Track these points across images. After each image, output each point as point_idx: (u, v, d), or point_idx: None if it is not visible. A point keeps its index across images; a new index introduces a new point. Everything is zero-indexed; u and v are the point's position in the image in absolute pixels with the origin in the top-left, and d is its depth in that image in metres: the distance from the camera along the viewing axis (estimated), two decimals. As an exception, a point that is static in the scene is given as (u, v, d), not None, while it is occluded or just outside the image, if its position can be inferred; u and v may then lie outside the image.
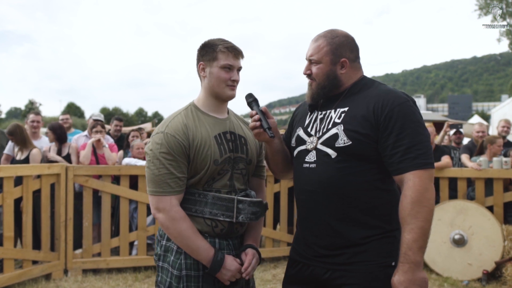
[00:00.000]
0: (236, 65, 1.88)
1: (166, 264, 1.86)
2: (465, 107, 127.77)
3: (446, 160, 5.31)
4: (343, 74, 1.84)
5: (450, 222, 4.97)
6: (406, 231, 1.61)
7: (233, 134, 1.93)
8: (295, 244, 1.95)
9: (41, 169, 4.61)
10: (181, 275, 1.80)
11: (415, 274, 1.59)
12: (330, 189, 1.74)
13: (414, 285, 1.58)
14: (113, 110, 59.02)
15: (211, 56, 1.86)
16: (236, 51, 1.87)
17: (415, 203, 1.60)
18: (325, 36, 1.85)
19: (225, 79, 1.86)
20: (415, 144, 1.65)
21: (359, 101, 1.77)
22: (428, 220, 1.60)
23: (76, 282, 4.53)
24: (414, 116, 1.69)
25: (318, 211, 1.78)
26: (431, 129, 5.59)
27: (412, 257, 1.58)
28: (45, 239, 4.65)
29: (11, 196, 4.32)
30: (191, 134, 1.81)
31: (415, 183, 1.62)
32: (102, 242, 4.92)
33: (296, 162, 1.91)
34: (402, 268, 1.60)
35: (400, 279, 1.59)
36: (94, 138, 5.30)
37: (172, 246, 1.85)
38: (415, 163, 1.63)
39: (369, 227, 1.73)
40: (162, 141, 1.79)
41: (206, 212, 1.82)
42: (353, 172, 1.72)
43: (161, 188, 1.78)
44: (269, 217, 5.42)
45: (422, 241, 1.59)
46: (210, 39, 1.92)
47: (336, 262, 1.75)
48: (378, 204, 1.74)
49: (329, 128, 1.79)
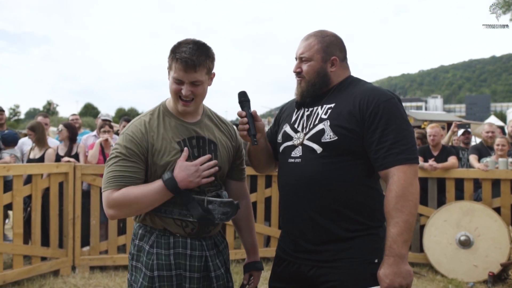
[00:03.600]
0: (185, 80, 1.71)
1: (139, 264, 1.82)
2: (483, 108, 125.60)
3: (452, 161, 5.28)
4: (332, 72, 1.87)
5: (456, 223, 4.93)
6: (391, 224, 1.64)
7: (201, 139, 1.84)
8: (280, 241, 1.98)
9: (50, 168, 4.73)
10: (153, 275, 1.76)
11: (400, 267, 1.62)
12: (314, 183, 1.76)
13: (399, 278, 1.61)
14: (129, 110, 59.77)
15: (169, 63, 1.75)
16: (185, 64, 1.68)
17: (399, 197, 1.63)
18: (315, 35, 1.89)
19: (175, 91, 1.75)
20: (400, 140, 1.68)
21: (345, 98, 1.80)
22: (412, 214, 1.63)
23: (83, 279, 4.63)
24: (398, 113, 1.72)
25: (301, 205, 1.81)
26: (438, 129, 5.55)
27: (397, 250, 1.62)
28: (54, 236, 4.76)
29: (20, 194, 4.44)
30: (150, 138, 1.76)
31: (400, 178, 1.65)
32: (109, 240, 5.01)
33: (282, 157, 1.94)
34: (387, 261, 1.63)
35: (386, 272, 1.63)
36: (102, 138, 5.40)
37: (144, 246, 1.81)
38: (400, 158, 1.67)
39: (352, 222, 1.75)
40: (120, 141, 1.77)
41: (175, 213, 1.77)
42: (338, 167, 1.75)
43: (107, 184, 1.72)
44: (274, 217, 5.44)
45: (407, 234, 1.62)
46: (179, 42, 1.77)
47: (320, 259, 1.77)
48: (362, 200, 1.76)
49: (315, 124, 1.82)
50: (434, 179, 5.28)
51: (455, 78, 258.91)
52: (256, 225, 5.33)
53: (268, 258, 5.40)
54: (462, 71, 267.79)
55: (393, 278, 1.61)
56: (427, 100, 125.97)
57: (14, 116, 50.44)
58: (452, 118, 21.16)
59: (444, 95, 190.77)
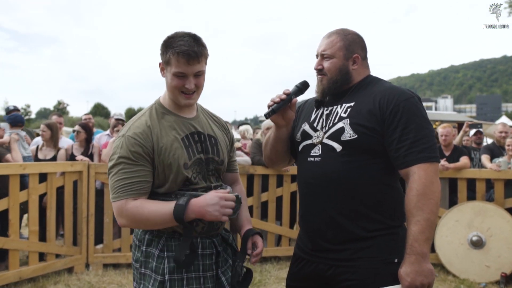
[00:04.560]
0: (190, 72, 1.67)
1: (148, 270, 1.74)
2: (494, 108, 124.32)
3: (464, 161, 5.26)
4: (354, 70, 1.88)
5: (468, 223, 4.92)
6: (412, 223, 1.63)
7: (201, 134, 1.82)
8: (299, 240, 1.97)
9: (65, 167, 4.80)
10: (164, 279, 1.69)
11: (422, 265, 1.60)
12: (334, 182, 1.76)
13: (420, 276, 1.59)
14: (138, 110, 60.05)
15: (166, 59, 1.69)
16: (188, 56, 1.64)
17: (420, 196, 1.62)
18: (338, 33, 1.90)
19: (177, 86, 1.70)
20: (420, 138, 1.67)
21: (365, 97, 1.81)
22: (434, 212, 1.62)
23: (97, 276, 4.69)
24: (419, 111, 1.72)
25: (321, 204, 1.80)
26: (450, 129, 5.53)
27: (419, 249, 1.60)
28: (68, 234, 4.84)
29: (36, 192, 4.51)
30: (155, 137, 1.70)
31: (421, 176, 1.64)
32: (122, 238, 5.07)
33: (301, 156, 1.94)
34: (408, 260, 1.62)
35: (407, 270, 1.61)
36: (115, 137, 5.45)
37: (153, 251, 1.74)
38: (421, 156, 1.66)
39: (372, 221, 1.75)
40: (123, 145, 1.68)
41: None
42: (358, 165, 1.74)
43: (118, 194, 1.66)
44: (286, 216, 5.47)
45: (428, 232, 1.61)
46: (170, 36, 1.71)
47: (339, 258, 1.76)
48: (382, 199, 1.75)
49: (335, 123, 1.82)
50: (446, 179, 5.27)
51: (465, 78, 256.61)
52: (268, 224, 5.37)
53: (279, 257, 5.43)
54: (472, 71, 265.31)
55: (414, 277, 1.59)
56: (437, 100, 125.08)
57: (25, 115, 50.95)
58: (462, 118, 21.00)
59: (455, 95, 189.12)
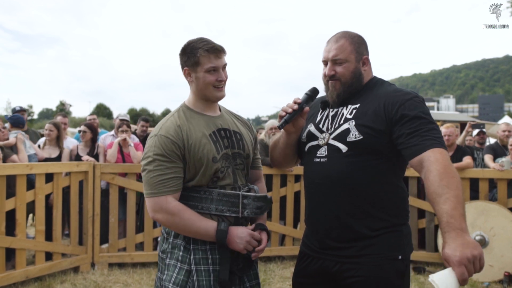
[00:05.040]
0: (219, 65, 1.86)
1: (173, 260, 1.85)
2: (496, 108, 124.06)
3: (467, 161, 5.28)
4: (365, 71, 1.92)
5: (471, 223, 4.93)
6: (441, 203, 1.51)
7: (227, 130, 1.94)
8: (305, 238, 2.01)
9: (70, 167, 4.84)
10: (191, 269, 1.81)
11: (465, 238, 1.43)
12: (339, 182, 1.79)
13: (468, 248, 1.41)
14: (140, 111, 60.16)
15: (194, 61, 1.84)
16: (217, 51, 1.84)
17: (443, 175, 1.55)
18: (344, 37, 1.91)
19: (211, 82, 1.85)
20: (430, 130, 1.68)
21: (370, 99, 1.83)
22: (460, 189, 1.53)
23: (103, 275, 4.73)
24: (425, 109, 1.75)
25: (327, 204, 1.83)
26: (453, 129, 5.55)
27: (457, 224, 1.45)
28: (74, 234, 4.88)
29: (42, 192, 4.56)
30: (185, 135, 1.82)
31: (438, 158, 1.59)
32: (127, 238, 5.11)
33: (307, 157, 1.96)
34: (449, 236, 1.45)
35: (452, 246, 1.43)
36: (120, 137, 5.49)
37: (179, 242, 1.86)
38: (435, 142, 1.65)
39: (377, 220, 1.77)
40: (156, 144, 1.80)
41: (212, 209, 1.83)
42: (363, 166, 1.77)
43: (156, 189, 1.78)
44: (289, 216, 5.50)
45: (461, 208, 1.49)
46: (189, 41, 1.88)
47: (345, 255, 1.79)
48: (387, 198, 1.78)
49: (340, 124, 1.85)
50: (449, 179, 5.28)
51: (467, 78, 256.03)
52: (271, 223, 5.40)
53: (283, 256, 5.46)
54: (475, 71, 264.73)
55: (462, 250, 1.40)
56: (439, 100, 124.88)
57: (28, 116, 51.13)
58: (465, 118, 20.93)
59: (457, 95, 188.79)
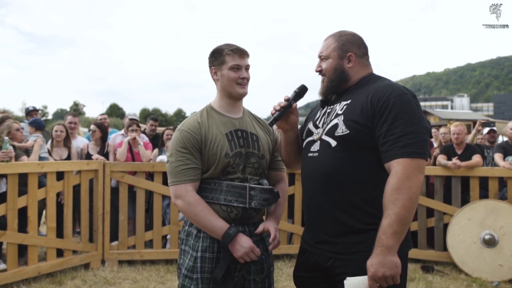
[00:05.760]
0: (243, 64, 2.06)
1: (187, 247, 2.06)
2: (511, 107, 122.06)
3: (477, 159, 5.24)
4: (350, 68, 1.95)
5: (480, 222, 4.90)
6: (384, 216, 1.66)
7: (244, 132, 2.10)
8: (304, 232, 2.07)
9: (81, 165, 4.93)
10: (197, 256, 1.99)
11: (386, 258, 1.63)
12: (328, 176, 1.83)
13: (383, 268, 1.63)
14: (153, 111, 60.50)
15: (220, 60, 2.06)
16: (241, 52, 2.06)
17: (394, 190, 1.65)
18: (334, 35, 2.00)
19: (234, 78, 2.04)
20: (406, 134, 1.68)
21: (361, 94, 1.86)
22: (406, 207, 1.63)
23: (112, 272, 4.80)
24: (409, 108, 1.72)
25: (318, 198, 1.88)
26: (462, 127, 5.51)
27: (385, 241, 1.64)
28: (84, 231, 4.96)
29: (53, 190, 4.65)
30: (203, 131, 2.02)
31: (397, 171, 1.66)
32: (137, 235, 5.18)
33: (303, 152, 2.03)
34: (375, 251, 1.66)
35: (372, 261, 1.66)
36: (130, 137, 5.57)
37: (192, 230, 2.06)
38: (402, 151, 1.67)
39: (367, 215, 1.79)
40: (178, 137, 2.02)
41: (221, 199, 2.00)
42: (352, 160, 1.79)
43: (178, 178, 1.98)
44: (298, 214, 5.50)
45: (397, 226, 1.63)
46: (217, 46, 2.11)
47: (337, 250, 1.83)
48: (376, 194, 1.77)
49: (332, 119, 1.90)
50: (458, 177, 5.26)
51: (482, 76, 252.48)
52: (280, 222, 5.41)
53: (291, 255, 5.47)
54: (490, 69, 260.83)
55: (377, 268, 1.64)
56: (453, 99, 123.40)
57: (43, 116, 51.80)
58: (479, 117, 20.68)
59: (471, 94, 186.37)
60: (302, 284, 2.04)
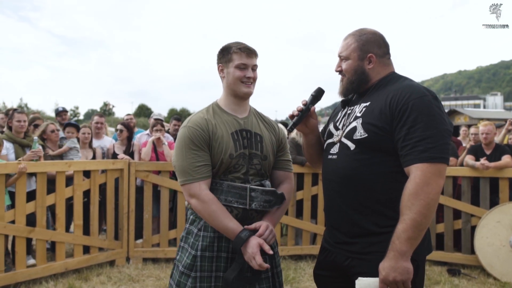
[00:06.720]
0: (250, 64, 2.03)
1: (186, 245, 2.04)
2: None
3: (506, 160, 5.08)
4: (370, 69, 1.91)
5: (510, 224, 4.75)
6: (400, 221, 1.65)
7: (249, 132, 2.07)
8: (325, 232, 2.08)
9: (107, 165, 5.04)
10: (197, 254, 1.97)
11: (398, 262, 1.62)
12: (347, 179, 1.82)
13: (394, 272, 1.62)
14: (181, 111, 61.20)
15: (227, 58, 2.03)
16: (248, 51, 2.02)
17: (411, 195, 1.63)
18: (353, 34, 1.95)
19: (240, 77, 2.01)
20: (426, 138, 1.64)
21: (380, 96, 1.83)
22: (422, 213, 1.61)
23: (137, 269, 4.89)
24: (429, 110, 1.67)
25: (336, 200, 1.88)
26: (491, 127, 5.34)
27: (398, 246, 1.63)
28: (110, 229, 5.08)
29: (80, 188, 4.78)
30: (211, 128, 1.98)
31: (416, 176, 1.64)
32: (161, 234, 5.26)
33: (324, 154, 2.03)
34: (388, 255, 1.66)
35: (384, 265, 1.66)
36: (154, 136, 5.65)
37: (193, 229, 2.04)
38: (422, 156, 1.64)
39: (384, 217, 1.77)
40: (185, 134, 1.98)
41: (222, 199, 1.96)
42: (370, 163, 1.78)
43: (190, 176, 1.94)
44: (321, 214, 5.45)
45: (412, 232, 1.61)
46: (227, 43, 2.08)
47: (353, 250, 1.82)
48: (394, 197, 1.75)
49: (351, 122, 1.88)
50: (486, 178, 5.11)
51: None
52: (303, 222, 5.41)
53: (314, 255, 5.44)
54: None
55: (388, 272, 1.63)
56: (486, 98, 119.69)
57: (74, 117, 53.14)
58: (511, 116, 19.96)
59: (505, 92, 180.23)
60: (321, 282, 2.04)
